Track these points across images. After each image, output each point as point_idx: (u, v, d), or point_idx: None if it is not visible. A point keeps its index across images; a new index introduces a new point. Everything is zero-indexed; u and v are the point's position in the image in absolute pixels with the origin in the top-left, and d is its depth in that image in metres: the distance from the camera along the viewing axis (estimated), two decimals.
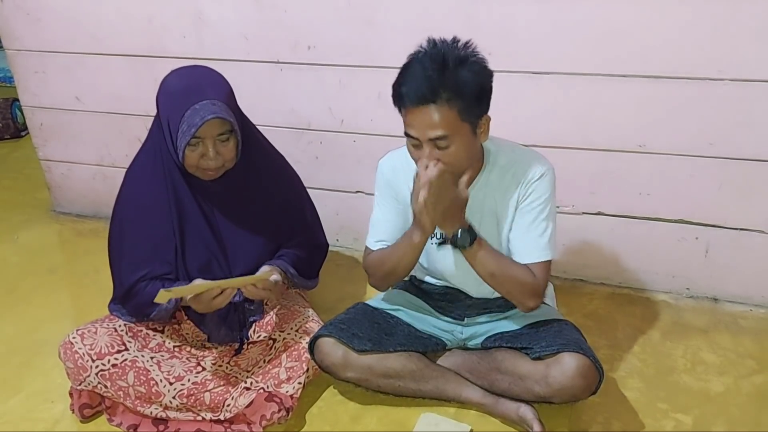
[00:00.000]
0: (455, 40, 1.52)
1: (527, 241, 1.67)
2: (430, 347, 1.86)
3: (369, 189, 1.81)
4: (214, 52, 2.51)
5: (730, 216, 2.20)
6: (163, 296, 1.55)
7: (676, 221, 2.26)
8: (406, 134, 1.54)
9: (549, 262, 1.69)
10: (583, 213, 2.34)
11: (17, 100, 3.73)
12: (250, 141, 1.81)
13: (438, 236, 1.75)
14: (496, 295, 1.82)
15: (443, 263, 1.81)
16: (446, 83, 1.46)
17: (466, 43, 1.52)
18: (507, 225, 1.70)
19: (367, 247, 1.84)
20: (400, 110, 1.55)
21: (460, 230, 1.59)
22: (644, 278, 2.39)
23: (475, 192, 1.66)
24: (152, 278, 1.79)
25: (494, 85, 1.56)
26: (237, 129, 1.69)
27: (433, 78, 1.46)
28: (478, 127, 1.55)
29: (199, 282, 1.68)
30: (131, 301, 1.81)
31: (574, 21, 2.07)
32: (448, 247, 1.75)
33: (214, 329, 1.90)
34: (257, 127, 1.93)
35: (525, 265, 1.67)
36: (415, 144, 1.54)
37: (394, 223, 1.79)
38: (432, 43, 1.52)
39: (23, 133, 4.09)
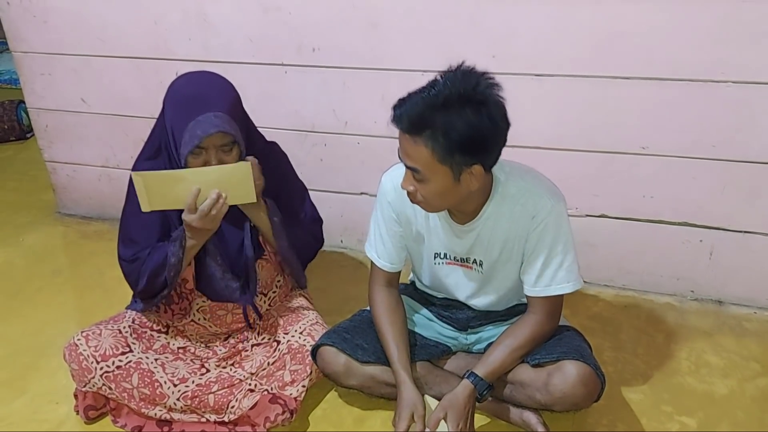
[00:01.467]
0: (481, 75, 1.40)
1: (543, 276, 1.63)
2: (436, 354, 1.85)
3: (373, 191, 1.81)
4: (219, 54, 2.52)
5: (734, 218, 2.20)
6: (137, 179, 1.58)
7: (679, 223, 2.26)
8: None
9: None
10: (587, 215, 2.34)
11: (22, 101, 3.75)
12: (255, 147, 1.79)
13: (443, 255, 1.74)
14: (499, 306, 1.82)
15: (447, 282, 1.79)
16: (433, 122, 1.38)
17: (490, 83, 1.40)
18: (518, 256, 1.65)
19: (373, 263, 1.82)
20: None
21: (479, 396, 1.61)
22: (648, 280, 2.39)
23: (484, 222, 1.62)
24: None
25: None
26: (240, 140, 1.68)
27: (423, 113, 1.38)
28: (463, 174, 1.45)
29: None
30: (145, 275, 1.77)
31: (577, 23, 2.07)
32: (453, 267, 1.74)
33: (217, 282, 1.84)
34: (261, 128, 1.92)
35: (534, 298, 1.67)
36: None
37: (392, 244, 1.78)
38: (454, 72, 1.42)
39: (28, 135, 4.11)
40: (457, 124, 1.37)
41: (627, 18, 2.02)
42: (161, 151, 1.77)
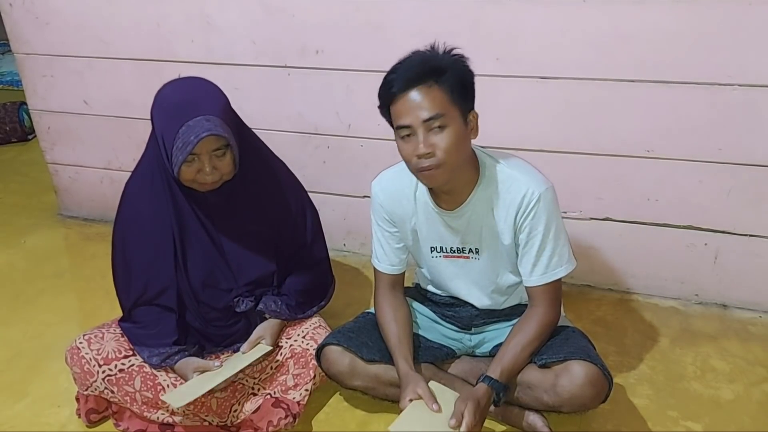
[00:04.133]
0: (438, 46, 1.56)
1: (538, 265, 1.64)
2: (440, 357, 1.85)
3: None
4: (222, 56, 2.51)
5: (739, 222, 2.18)
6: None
7: (684, 227, 2.25)
8: (398, 128, 1.53)
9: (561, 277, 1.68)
10: (591, 219, 2.33)
11: (24, 103, 3.74)
12: (249, 151, 1.78)
13: (439, 249, 1.74)
14: (502, 305, 1.82)
15: (446, 276, 1.80)
16: (440, 65, 1.49)
17: (452, 48, 1.55)
18: (507, 240, 1.66)
19: (375, 269, 1.85)
20: (388, 108, 1.54)
21: (496, 399, 1.61)
22: (652, 284, 2.38)
23: (473, 207, 1.64)
24: (148, 301, 1.79)
25: (501, 90, 1.55)
26: (233, 143, 1.65)
27: (427, 61, 1.49)
28: (468, 117, 1.54)
29: (207, 378, 1.69)
30: (132, 326, 1.81)
31: (581, 26, 2.07)
32: (451, 260, 1.75)
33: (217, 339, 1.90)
34: (264, 131, 1.91)
35: (533, 289, 1.67)
36: (406, 135, 1.52)
37: (390, 246, 1.81)
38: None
39: (30, 137, 4.11)
40: (455, 65, 1.51)
41: (632, 20, 2.01)
42: (157, 166, 1.73)
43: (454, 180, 1.58)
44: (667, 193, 2.21)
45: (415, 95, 1.48)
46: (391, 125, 1.58)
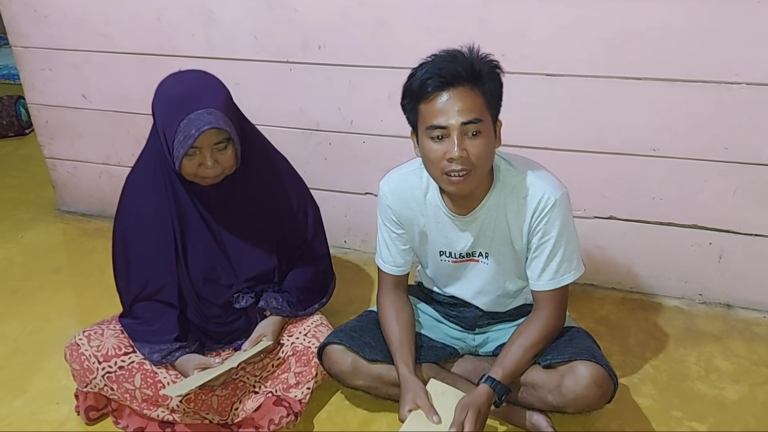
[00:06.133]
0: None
1: (547, 270, 1.63)
2: (443, 356, 1.83)
3: (378, 191, 1.78)
4: (223, 51, 2.49)
5: (744, 221, 2.17)
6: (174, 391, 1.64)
7: (689, 226, 2.23)
8: (431, 128, 1.46)
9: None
10: (595, 217, 2.32)
11: (22, 97, 3.71)
12: (251, 145, 1.76)
13: (448, 253, 1.72)
14: (507, 307, 1.80)
15: (454, 279, 1.78)
16: (479, 70, 1.45)
17: (487, 54, 1.51)
18: (520, 246, 1.64)
19: (379, 269, 1.83)
20: (417, 105, 1.49)
21: (497, 401, 1.59)
22: (656, 283, 2.37)
23: (486, 211, 1.62)
24: (148, 296, 1.78)
25: (507, 87, 1.53)
26: (235, 137, 1.64)
27: (465, 63, 1.44)
28: (496, 125, 1.53)
29: (207, 371, 1.68)
30: (132, 322, 1.80)
31: (588, 23, 2.05)
32: (459, 264, 1.73)
33: (216, 336, 1.88)
34: (265, 126, 1.89)
35: (540, 293, 1.66)
36: (438, 135, 1.46)
37: (395, 247, 1.78)
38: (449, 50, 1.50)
39: (28, 131, 4.08)
40: (491, 73, 1.48)
41: (639, 18, 2.00)
42: (158, 160, 1.71)
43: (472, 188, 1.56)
44: (672, 191, 2.20)
45: (454, 96, 1.44)
46: (411, 122, 1.55)
